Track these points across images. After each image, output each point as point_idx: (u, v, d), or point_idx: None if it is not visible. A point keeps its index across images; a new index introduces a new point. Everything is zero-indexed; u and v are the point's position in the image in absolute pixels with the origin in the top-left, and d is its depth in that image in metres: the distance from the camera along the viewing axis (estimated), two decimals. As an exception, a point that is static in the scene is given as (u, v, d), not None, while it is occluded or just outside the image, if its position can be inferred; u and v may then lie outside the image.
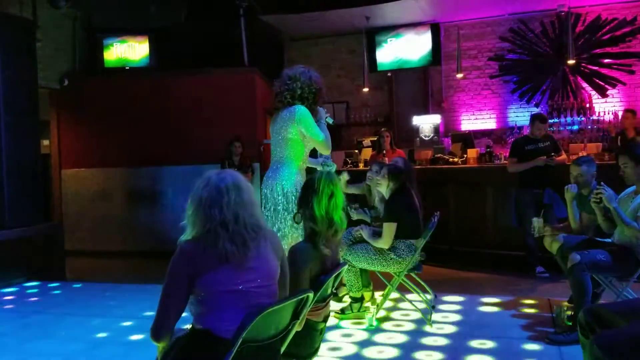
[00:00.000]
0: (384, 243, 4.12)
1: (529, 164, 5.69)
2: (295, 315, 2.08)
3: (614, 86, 8.74)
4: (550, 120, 8.26)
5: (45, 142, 8.42)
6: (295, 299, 2.02)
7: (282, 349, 2.10)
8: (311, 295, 2.08)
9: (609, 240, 3.98)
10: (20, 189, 6.12)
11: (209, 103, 7.93)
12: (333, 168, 3.82)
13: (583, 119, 8.48)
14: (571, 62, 8.27)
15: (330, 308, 2.61)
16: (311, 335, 2.36)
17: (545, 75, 9.01)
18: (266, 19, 9.04)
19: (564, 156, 5.82)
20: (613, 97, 8.88)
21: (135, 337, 4.06)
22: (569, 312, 3.84)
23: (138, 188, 8.18)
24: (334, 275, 2.45)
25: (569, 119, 8.53)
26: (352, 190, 5.52)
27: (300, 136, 3.65)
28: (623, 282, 3.89)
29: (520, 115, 9.32)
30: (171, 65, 8.75)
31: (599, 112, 8.64)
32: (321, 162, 3.98)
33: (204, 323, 1.94)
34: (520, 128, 8.70)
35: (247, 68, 8.41)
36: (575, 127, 8.40)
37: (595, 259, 3.69)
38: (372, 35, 9.71)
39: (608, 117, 8.43)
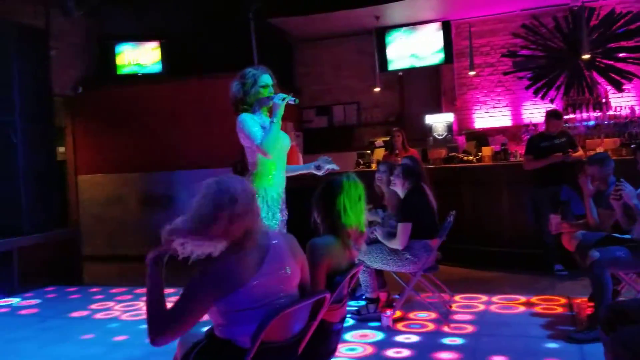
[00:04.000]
0: (399, 243, 4.09)
1: (545, 161, 5.63)
2: (313, 316, 2.07)
3: (630, 80, 8.60)
4: (566, 116, 8.17)
5: (61, 149, 8.51)
6: (312, 300, 2.01)
7: (300, 350, 2.09)
8: (328, 296, 2.07)
9: (628, 236, 3.91)
10: (37, 196, 6.19)
11: (220, 107, 7.89)
12: (328, 163, 3.64)
13: (599, 114, 8.38)
14: (586, 56, 8.16)
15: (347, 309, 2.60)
16: (328, 336, 2.35)
17: (560, 70, 8.89)
18: (274, 22, 9.05)
19: (580, 152, 5.75)
20: (629, 92, 8.77)
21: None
22: (589, 310, 3.79)
23: (152, 193, 8.23)
24: (349, 276, 2.43)
25: (584, 115, 8.43)
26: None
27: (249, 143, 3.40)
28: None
29: (535, 112, 9.23)
30: (182, 70, 8.80)
31: (615, 107, 8.52)
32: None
33: (226, 333, 1.90)
34: (536, 125, 8.61)
35: (257, 71, 8.41)
36: (592, 123, 8.29)
37: (615, 256, 3.64)
38: (382, 35, 9.68)
39: (625, 112, 8.31)
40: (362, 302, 4.44)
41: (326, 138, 9.99)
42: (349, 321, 4.16)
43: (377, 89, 9.48)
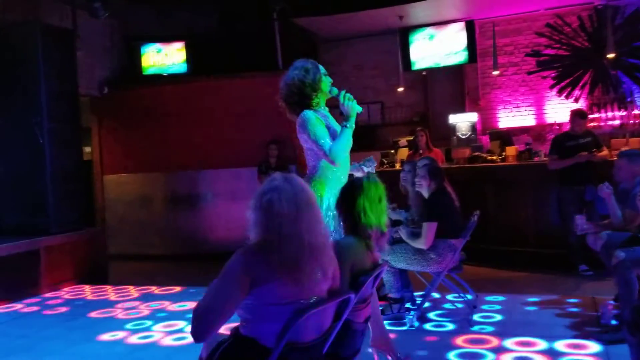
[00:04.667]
0: (423, 243, 4.09)
1: (570, 161, 5.58)
2: (337, 317, 2.08)
3: (656, 79, 8.48)
4: (591, 116, 8.07)
5: (87, 149, 8.66)
6: (337, 301, 2.03)
7: (325, 350, 2.10)
8: (352, 296, 2.08)
9: (655, 237, 3.86)
10: (64, 195, 6.29)
11: (245, 107, 8.01)
12: (371, 167, 3.35)
13: (624, 113, 8.25)
14: (611, 55, 8.06)
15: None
16: (353, 336, 2.36)
17: (584, 69, 8.80)
18: (299, 22, 9.10)
19: (605, 152, 5.68)
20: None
21: (176, 340, 4.13)
22: (615, 311, 3.75)
23: (177, 192, 8.33)
24: (374, 276, 2.44)
25: (609, 114, 8.31)
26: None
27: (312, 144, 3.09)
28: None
29: (559, 111, 9.14)
30: (206, 70, 8.89)
31: (641, 106, 8.40)
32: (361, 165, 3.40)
33: (251, 331, 1.91)
34: (560, 124, 8.52)
35: (282, 72, 8.42)
36: (617, 122, 8.17)
37: (641, 256, 3.59)
38: (406, 34, 9.67)
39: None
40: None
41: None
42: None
43: (400, 89, 9.48)
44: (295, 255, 1.85)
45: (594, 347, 3.46)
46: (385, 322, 4.15)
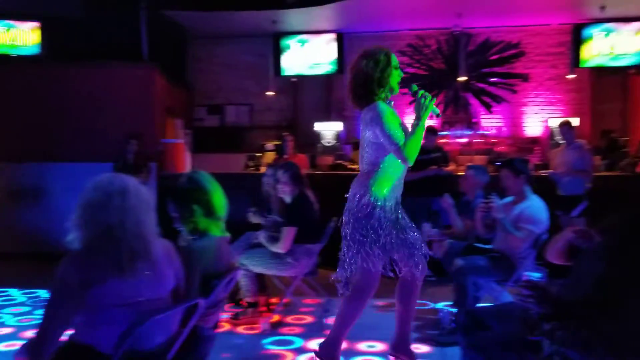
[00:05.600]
0: (281, 247, 4.14)
1: (420, 174, 5.97)
2: (184, 323, 2.04)
3: (499, 103, 9.41)
4: (443, 133, 8.73)
5: None
6: (183, 306, 1.98)
7: (170, 358, 2.04)
8: (202, 302, 2.05)
9: (489, 246, 4.27)
10: None
11: (104, 98, 7.56)
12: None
13: (471, 132, 9.05)
14: (462, 78, 8.79)
15: (223, 314, 2.58)
16: (199, 342, 2.32)
17: (439, 90, 9.50)
18: (169, 14, 8.80)
19: (452, 167, 6.17)
20: (498, 114, 9.57)
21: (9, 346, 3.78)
22: (453, 315, 4.07)
23: (20, 185, 7.60)
24: (226, 280, 2.42)
25: (458, 132, 9.06)
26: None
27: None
28: (501, 286, 4.19)
29: (415, 127, 9.75)
30: (65, 56, 8.26)
31: (485, 127, 9.26)
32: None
33: (87, 338, 1.82)
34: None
35: (147, 63, 8.13)
36: (465, 140, 8.93)
37: (477, 264, 3.96)
38: (279, 40, 9.76)
39: (493, 132, 9.07)
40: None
41: (217, 138, 9.87)
42: (226, 325, 4.14)
43: (270, 93, 9.54)
44: (118, 253, 1.81)
45: (433, 350, 3.73)
46: (240, 327, 4.16)
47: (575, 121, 7.40)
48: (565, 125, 5.98)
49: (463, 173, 4.74)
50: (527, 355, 2.08)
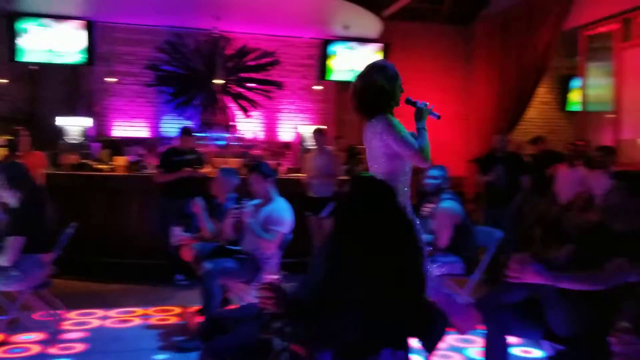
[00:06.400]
0: (6, 259, 3.61)
1: (174, 175, 5.83)
2: None
3: (255, 107, 9.75)
4: (201, 134, 8.68)
5: None
6: None
7: None
8: None
9: (238, 247, 4.33)
10: None
11: None
12: None
13: (229, 135, 9.18)
14: (220, 81, 8.89)
15: None
16: None
17: (198, 90, 9.45)
18: None
19: (208, 169, 6.16)
20: (255, 119, 9.91)
21: None
22: (199, 319, 4.04)
23: None
24: None
25: (216, 135, 9.11)
26: None
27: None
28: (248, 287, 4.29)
29: (174, 127, 9.53)
30: None
31: (242, 130, 9.51)
32: None
33: None
34: (171, 139, 8.89)
35: None
36: (222, 143, 9.01)
37: (224, 267, 3.99)
38: (13, 21, 8.59)
39: (249, 136, 9.35)
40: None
41: None
42: None
43: (3, 80, 8.35)
44: None
45: (177, 357, 3.63)
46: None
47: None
48: (317, 132, 6.42)
49: (215, 175, 4.75)
50: (259, 354, 2.12)
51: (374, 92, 2.93)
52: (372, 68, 2.98)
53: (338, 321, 1.97)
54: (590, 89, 8.37)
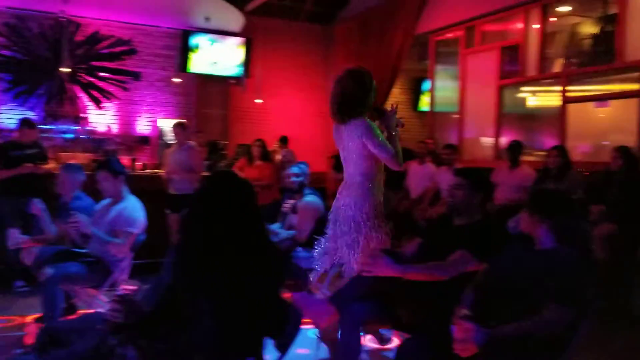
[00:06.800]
0: None
1: (13, 171, 5.33)
2: None
3: (109, 99, 9.15)
4: (45, 127, 7.99)
5: None
6: None
7: None
8: None
9: (85, 250, 4.02)
10: None
11: None
12: None
13: (78, 128, 8.55)
14: (67, 69, 8.24)
15: None
16: None
17: (42, 79, 8.66)
18: None
19: (52, 164, 5.68)
20: (108, 110, 9.30)
21: None
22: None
23: None
24: None
25: (63, 127, 8.44)
26: None
27: None
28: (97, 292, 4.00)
29: (13, 118, 8.64)
30: None
31: (93, 123, 8.89)
32: None
33: None
34: (10, 131, 8.06)
35: None
36: (71, 136, 8.37)
37: (69, 271, 3.70)
38: None
39: (102, 129, 8.77)
40: None
41: None
42: None
43: None
44: None
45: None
46: None
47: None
48: (178, 126, 6.12)
49: (58, 173, 4.36)
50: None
51: (350, 98, 3.08)
52: (349, 75, 3.13)
53: (188, 334, 1.89)
54: (438, 91, 9.02)
